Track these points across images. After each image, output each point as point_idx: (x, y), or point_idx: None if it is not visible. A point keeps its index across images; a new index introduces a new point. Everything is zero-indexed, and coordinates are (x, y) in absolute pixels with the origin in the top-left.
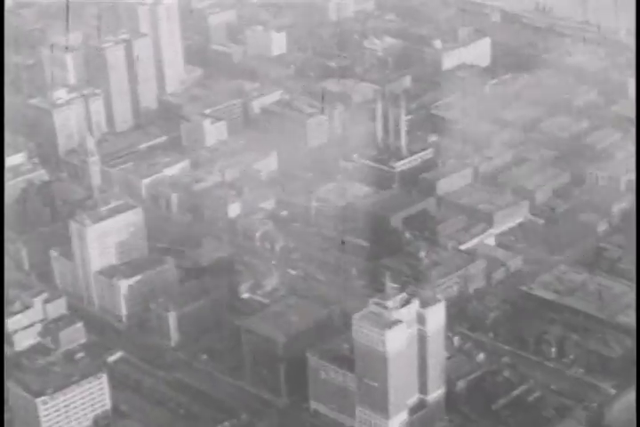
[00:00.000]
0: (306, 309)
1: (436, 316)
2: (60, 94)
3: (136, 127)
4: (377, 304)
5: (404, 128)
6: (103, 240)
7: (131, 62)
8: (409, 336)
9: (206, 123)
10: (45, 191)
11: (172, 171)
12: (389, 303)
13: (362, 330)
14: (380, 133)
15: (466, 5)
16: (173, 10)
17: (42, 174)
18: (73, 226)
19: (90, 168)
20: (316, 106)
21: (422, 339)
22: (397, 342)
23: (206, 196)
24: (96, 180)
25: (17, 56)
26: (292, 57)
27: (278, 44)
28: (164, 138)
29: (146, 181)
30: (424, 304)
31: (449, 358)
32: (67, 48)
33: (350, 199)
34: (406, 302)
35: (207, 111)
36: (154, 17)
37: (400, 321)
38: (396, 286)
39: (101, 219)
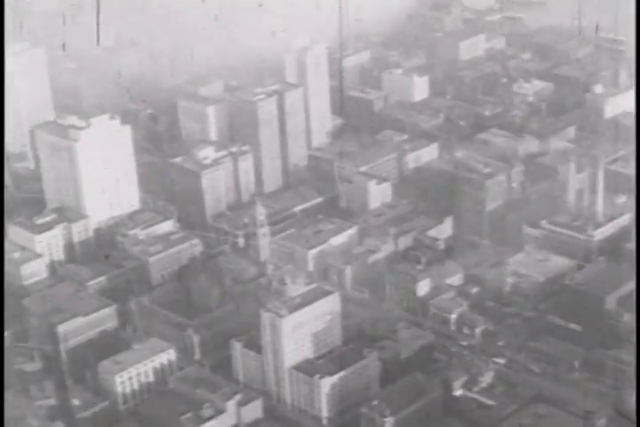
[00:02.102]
0: (557, 418)
1: None
2: (207, 153)
3: (285, 187)
4: None
5: (601, 190)
6: (299, 331)
7: (282, 116)
8: None
9: (371, 184)
10: (210, 267)
11: (339, 240)
12: None
13: None
14: (571, 196)
15: (600, 41)
16: (322, 57)
17: (195, 245)
18: (265, 316)
19: (259, 241)
20: (491, 163)
21: None
22: None
23: (383, 268)
24: (265, 253)
25: (132, 104)
26: (436, 103)
27: (420, 88)
28: (319, 199)
29: (312, 251)
30: None
31: None
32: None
33: (551, 274)
34: None
35: (362, 169)
36: (301, 65)
37: None
38: None
39: (297, 307)
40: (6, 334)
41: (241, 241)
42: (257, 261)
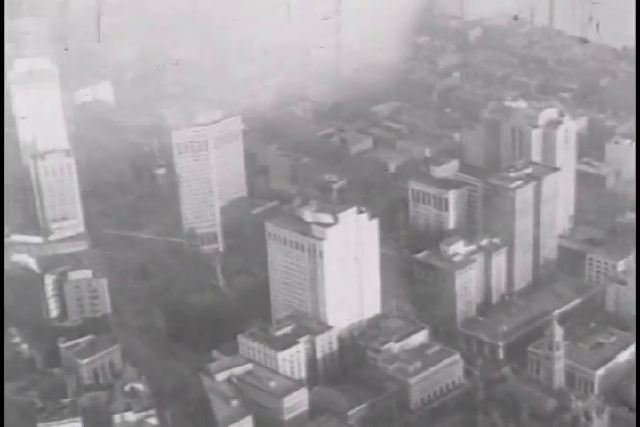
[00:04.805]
0: None
1: None
2: (457, 248)
3: (535, 284)
4: None
5: None
6: None
7: (538, 204)
8: None
9: None
10: (494, 394)
11: (625, 356)
12: None
13: None
14: None
15: None
16: (572, 132)
17: (456, 361)
18: None
19: (553, 365)
20: None
21: None
22: None
23: None
24: (560, 380)
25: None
26: None
27: None
28: (577, 300)
29: (599, 372)
30: None
31: None
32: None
33: None
34: None
35: (621, 263)
36: (549, 142)
37: None
38: None
39: None
40: None
41: (501, 353)
42: (548, 388)
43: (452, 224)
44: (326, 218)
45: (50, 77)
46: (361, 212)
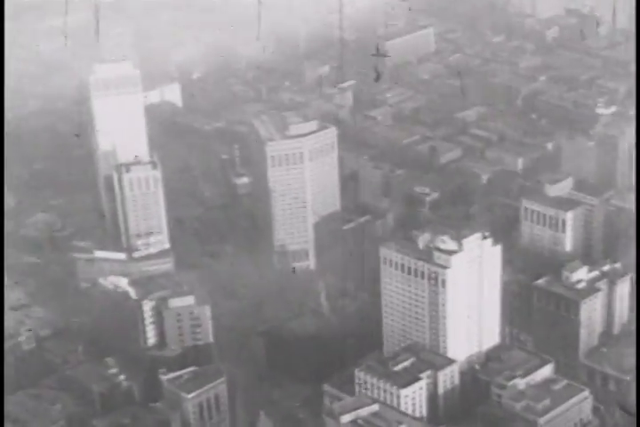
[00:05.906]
0: None
1: None
2: (580, 275)
3: None
4: None
5: None
6: None
7: None
8: None
9: None
10: None
11: None
12: None
13: None
14: None
15: None
16: None
17: (585, 398)
18: None
19: None
20: None
21: None
22: None
23: None
24: None
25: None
26: None
27: None
28: None
29: None
30: None
31: None
32: None
33: None
34: None
35: None
36: None
37: None
38: None
39: None
40: None
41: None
42: None
43: (568, 247)
44: (450, 244)
45: (133, 83)
46: (484, 237)
